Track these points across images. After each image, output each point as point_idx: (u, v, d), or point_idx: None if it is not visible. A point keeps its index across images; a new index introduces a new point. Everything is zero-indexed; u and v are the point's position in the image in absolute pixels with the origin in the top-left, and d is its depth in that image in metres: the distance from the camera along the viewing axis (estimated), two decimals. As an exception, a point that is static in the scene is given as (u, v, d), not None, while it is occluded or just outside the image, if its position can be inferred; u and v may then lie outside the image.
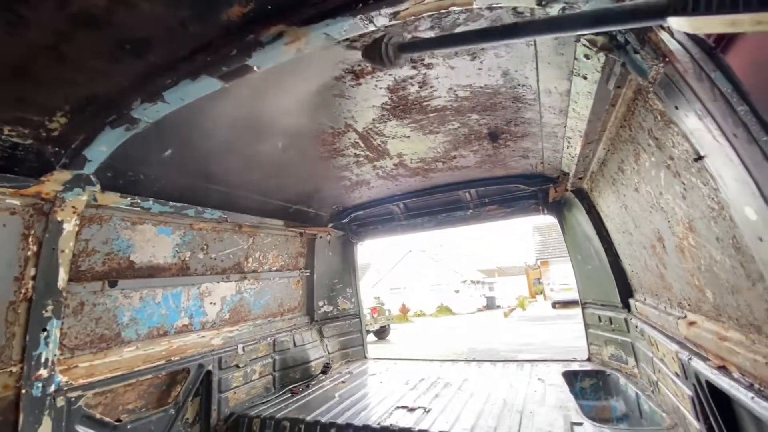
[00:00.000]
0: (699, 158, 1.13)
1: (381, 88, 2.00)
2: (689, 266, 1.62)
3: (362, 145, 2.75)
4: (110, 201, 2.34)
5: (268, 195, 3.45)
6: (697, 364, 1.70)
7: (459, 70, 1.81)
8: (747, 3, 0.58)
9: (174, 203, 2.70)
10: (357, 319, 4.83)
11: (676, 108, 1.13)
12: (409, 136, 2.65)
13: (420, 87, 1.99)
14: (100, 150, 2.05)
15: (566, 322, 15.84)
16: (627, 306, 3.13)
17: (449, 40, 1.34)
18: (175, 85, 1.71)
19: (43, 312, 2.09)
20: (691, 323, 1.82)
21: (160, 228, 2.79)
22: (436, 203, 4.25)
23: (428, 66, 1.80)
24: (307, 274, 4.39)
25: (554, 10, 1.09)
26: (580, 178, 2.88)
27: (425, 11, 1.28)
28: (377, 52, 1.33)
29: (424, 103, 2.18)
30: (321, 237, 4.49)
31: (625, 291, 3.11)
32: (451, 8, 1.26)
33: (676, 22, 0.70)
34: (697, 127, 1.06)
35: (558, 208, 3.75)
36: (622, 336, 3.23)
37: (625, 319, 3.12)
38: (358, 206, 4.31)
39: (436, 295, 30.41)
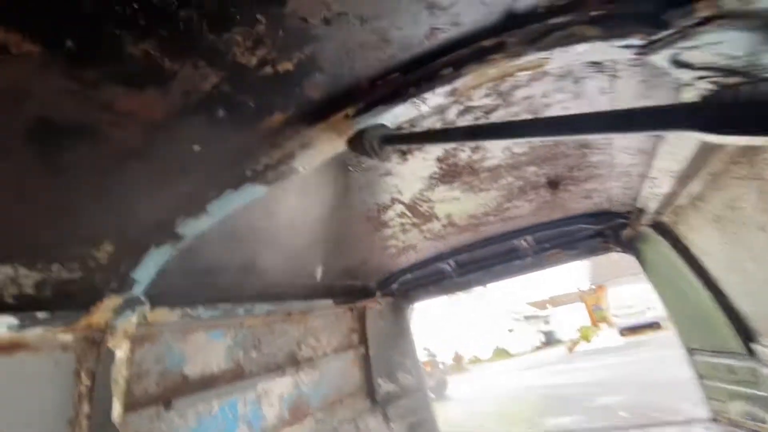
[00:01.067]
0: None
1: (430, 159, 1.84)
2: None
3: (408, 213, 2.58)
4: (160, 317, 2.23)
5: (314, 276, 3.29)
6: None
7: (517, 128, 1.63)
8: None
9: (223, 305, 2.57)
10: (420, 393, 4.38)
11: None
12: (458, 198, 2.45)
13: (472, 151, 1.82)
14: (148, 270, 1.96)
15: (640, 350, 14.18)
16: (751, 352, 2.59)
17: (441, 136, 1.32)
18: (217, 198, 1.62)
19: (100, 453, 1.91)
20: None
21: (212, 333, 2.64)
22: (490, 255, 3.94)
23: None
24: (363, 351, 4.08)
25: (661, 58, 0.89)
26: (660, 213, 2.54)
27: (486, 81, 1.12)
28: (361, 146, 1.29)
29: (476, 166, 1.99)
30: (371, 308, 4.23)
31: (746, 335, 2.59)
32: (517, 74, 1.09)
33: None
34: None
35: (633, 245, 3.35)
36: (753, 389, 2.65)
37: (753, 369, 2.57)
38: (405, 269, 4.06)
39: (489, 336, 28.59)
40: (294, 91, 1.17)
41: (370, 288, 4.17)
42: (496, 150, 1.83)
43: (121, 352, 2.05)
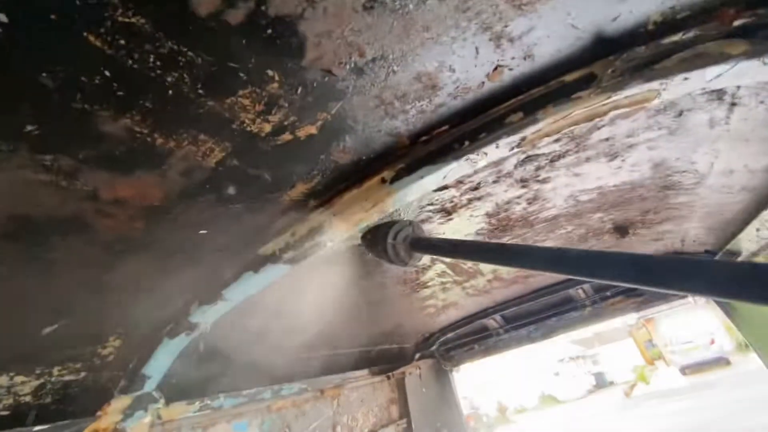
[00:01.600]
0: None
1: (477, 216, 1.55)
2: None
3: (450, 272, 2.26)
4: (177, 414, 1.94)
5: (346, 346, 2.95)
6: None
7: (587, 175, 1.34)
8: None
9: (247, 390, 2.26)
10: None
11: None
12: (508, 252, 2.12)
13: (529, 203, 1.52)
14: (160, 363, 1.71)
15: (710, 393, 12.48)
16: None
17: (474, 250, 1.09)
18: (235, 282, 1.38)
19: None
20: None
21: (235, 423, 2.31)
22: (542, 308, 3.49)
23: (544, 181, 1.34)
24: (404, 425, 3.59)
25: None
26: (756, 254, 2.10)
27: (567, 126, 0.85)
28: (384, 252, 1.18)
29: (531, 218, 1.69)
30: (410, 374, 3.78)
31: None
32: (610, 114, 0.82)
33: None
34: None
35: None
36: None
37: None
38: (445, 328, 3.65)
39: (533, 382, 26.42)
40: (318, 158, 0.94)
41: (407, 351, 3.76)
42: (557, 199, 1.53)
43: (133, 460, 1.75)
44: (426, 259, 1.96)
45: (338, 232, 1.17)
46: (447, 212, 1.44)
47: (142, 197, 0.91)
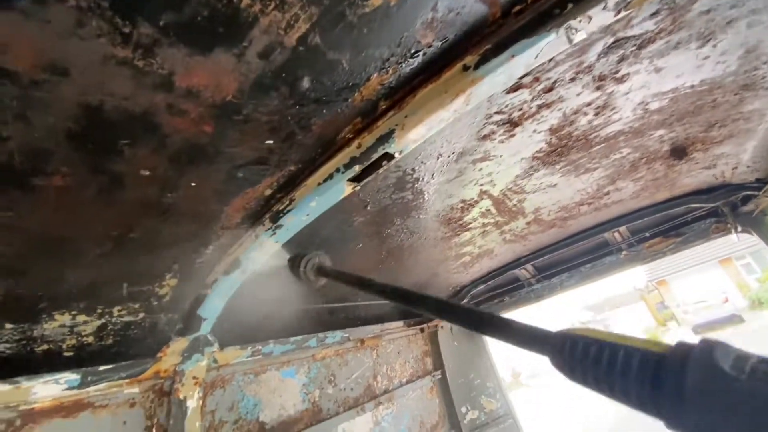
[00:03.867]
0: None
1: (540, 132, 1.47)
2: None
3: (494, 211, 2.19)
4: (231, 358, 1.95)
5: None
6: None
7: (668, 71, 1.24)
8: None
9: (295, 338, 2.26)
10: (510, 419, 3.84)
11: None
12: (555, 184, 2.04)
13: (596, 114, 1.43)
14: (215, 304, 1.69)
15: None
16: None
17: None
18: (293, 207, 1.33)
19: None
20: None
21: (284, 371, 2.33)
22: (575, 254, 3.44)
23: (621, 79, 1.25)
24: (439, 376, 3.63)
25: None
26: None
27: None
28: (296, 272, 1.47)
29: (592, 135, 1.60)
30: (442, 327, 3.80)
31: None
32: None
33: None
34: None
35: (757, 222, 2.76)
36: None
37: None
38: (477, 281, 3.63)
39: (545, 347, 26.83)
40: (400, 38, 0.86)
41: (438, 304, 3.75)
42: (626, 109, 1.44)
43: (193, 401, 1.76)
44: (472, 192, 1.89)
45: (409, 139, 1.10)
46: (512, 124, 1.35)
47: (215, 88, 0.84)
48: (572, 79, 1.17)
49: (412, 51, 0.91)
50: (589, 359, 0.52)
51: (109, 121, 0.83)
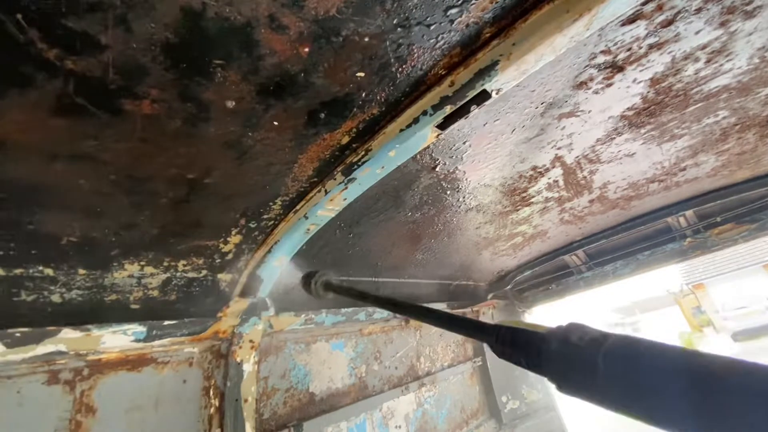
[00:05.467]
0: None
1: (640, 82, 1.32)
2: None
3: (561, 183, 2.05)
4: (285, 324, 1.91)
5: (430, 274, 2.85)
6: None
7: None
8: None
9: (345, 309, 2.21)
10: (553, 413, 3.69)
11: None
12: (634, 153, 1.88)
13: (707, 61, 1.27)
14: (274, 266, 1.64)
15: (766, 358, 11.78)
16: None
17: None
18: (369, 157, 1.25)
19: (234, 489, 1.58)
20: None
21: (333, 343, 2.28)
22: (632, 240, 3.22)
23: (750, 13, 1.09)
24: (479, 362, 3.52)
25: None
26: None
27: None
28: (308, 288, 1.62)
29: (693, 91, 1.43)
30: (483, 314, 3.67)
31: None
32: None
33: None
34: None
35: None
36: None
37: None
38: (523, 266, 3.47)
39: (570, 348, 26.13)
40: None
41: (480, 289, 3.63)
42: (743, 55, 1.27)
43: (249, 365, 1.73)
44: (546, 158, 1.75)
45: (513, 73, 0.99)
46: (614, 68, 1.21)
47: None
48: (698, 10, 1.03)
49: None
50: (506, 342, 0.73)
51: (208, 33, 0.77)
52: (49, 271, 1.18)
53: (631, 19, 1.02)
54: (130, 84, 0.81)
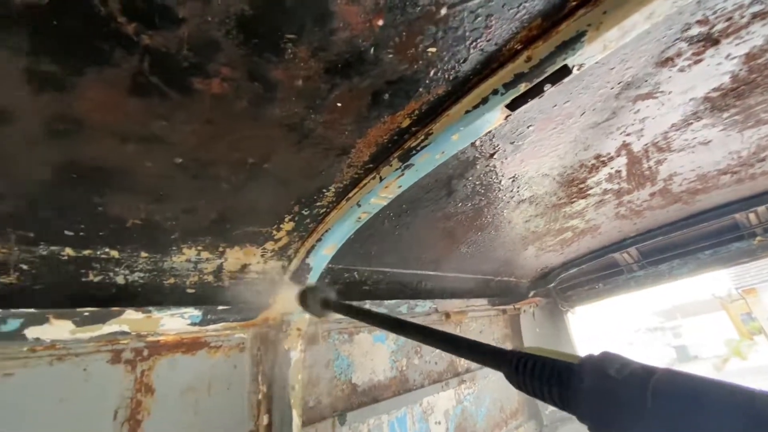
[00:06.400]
0: None
1: (734, 58, 1.18)
2: None
3: (624, 173, 1.91)
4: (331, 313, 1.90)
5: (472, 269, 2.76)
6: None
7: None
8: None
9: (388, 302, 2.17)
10: (597, 417, 3.51)
11: None
12: (710, 141, 1.71)
13: (819, 31, 1.12)
14: (323, 254, 1.62)
15: None
16: None
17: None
18: (427, 145, 1.19)
19: (283, 476, 1.59)
20: None
21: (375, 335, 2.26)
22: (693, 238, 2.99)
23: None
24: (520, 361, 3.40)
25: None
26: None
27: None
28: (305, 303, 1.50)
29: (794, 68, 1.27)
30: (524, 311, 3.54)
31: None
32: None
33: None
34: None
35: None
36: None
37: None
38: (569, 263, 3.31)
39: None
40: None
41: (521, 286, 3.50)
42: None
43: (296, 353, 1.73)
44: (612, 146, 1.63)
45: (601, 45, 0.90)
46: (708, 41, 1.09)
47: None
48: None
49: None
50: (527, 372, 0.64)
51: (284, 4, 0.73)
52: (115, 253, 1.21)
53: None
54: (202, 61, 0.79)
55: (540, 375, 0.62)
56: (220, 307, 1.49)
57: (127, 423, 1.31)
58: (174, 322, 1.38)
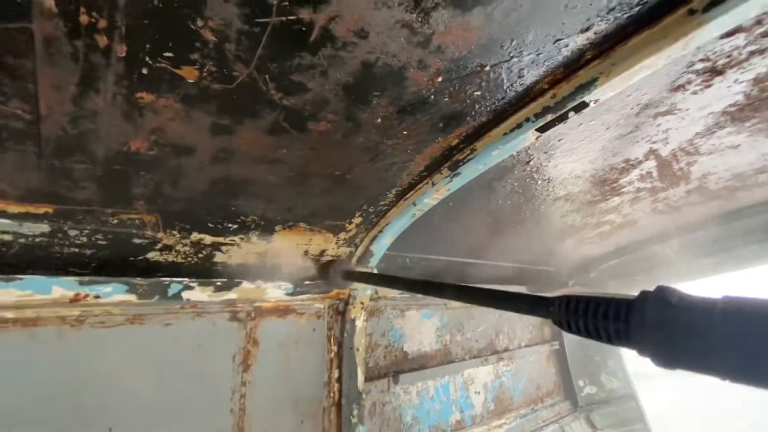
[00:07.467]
0: None
1: (742, 82, 1.37)
2: None
3: (655, 174, 2.08)
4: (387, 292, 2.29)
5: (511, 258, 3.03)
6: None
7: None
8: None
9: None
10: (633, 403, 3.67)
11: None
12: (739, 145, 1.85)
13: (822, 59, 1.28)
14: (383, 242, 2.00)
15: None
16: None
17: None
18: (471, 159, 1.50)
19: (351, 418, 2.01)
20: None
21: (423, 312, 2.63)
22: (737, 233, 3.02)
23: None
24: (557, 346, 3.63)
25: None
26: None
27: None
28: (326, 276, 1.80)
29: (807, 86, 1.42)
30: (563, 298, 3.73)
31: None
32: None
33: None
34: None
35: None
36: None
37: None
38: (610, 254, 3.45)
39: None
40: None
41: (561, 275, 3.69)
42: None
43: (360, 322, 2.14)
44: (639, 152, 1.83)
45: (610, 87, 1.16)
46: (714, 73, 1.30)
47: (459, 44, 1.02)
48: (807, 18, 1.08)
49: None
50: (579, 311, 0.66)
51: (374, 76, 1.08)
52: (237, 239, 1.65)
53: (730, 33, 1.12)
54: (317, 111, 1.17)
55: (594, 313, 0.63)
56: (306, 282, 1.92)
57: (241, 365, 1.77)
58: (275, 292, 1.82)
